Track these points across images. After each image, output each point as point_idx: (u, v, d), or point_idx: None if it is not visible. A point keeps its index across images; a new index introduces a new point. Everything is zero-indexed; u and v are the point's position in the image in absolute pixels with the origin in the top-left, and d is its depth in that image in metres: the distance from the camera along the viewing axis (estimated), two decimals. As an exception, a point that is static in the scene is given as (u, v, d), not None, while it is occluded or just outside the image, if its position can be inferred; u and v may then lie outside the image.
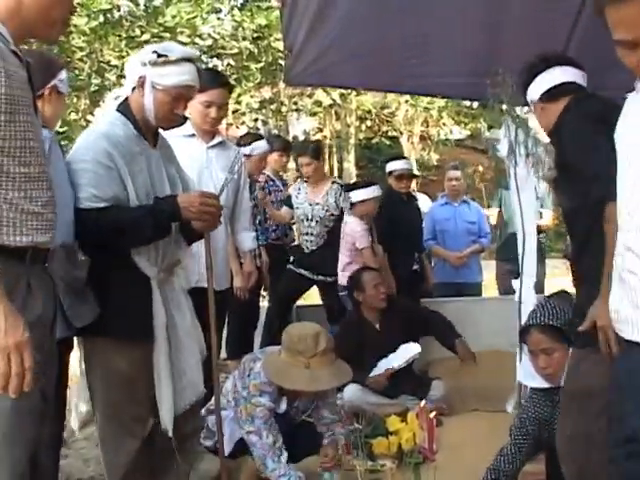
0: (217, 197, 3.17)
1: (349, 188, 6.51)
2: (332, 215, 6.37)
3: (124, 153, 3.02)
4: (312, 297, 7.53)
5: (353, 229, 6.15)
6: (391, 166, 6.80)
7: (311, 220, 6.35)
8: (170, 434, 3.10)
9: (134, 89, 3.11)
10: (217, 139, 4.56)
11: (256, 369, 4.04)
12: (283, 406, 4.12)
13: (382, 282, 5.78)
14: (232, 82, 12.25)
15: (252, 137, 6.32)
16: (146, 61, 3.05)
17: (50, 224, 2.28)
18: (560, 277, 7.42)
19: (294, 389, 3.97)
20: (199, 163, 4.40)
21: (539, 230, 7.09)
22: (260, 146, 6.14)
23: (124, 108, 3.14)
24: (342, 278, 6.15)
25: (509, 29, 5.06)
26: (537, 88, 3.25)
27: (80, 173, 2.99)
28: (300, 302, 7.04)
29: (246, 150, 5.82)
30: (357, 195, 6.22)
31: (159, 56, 3.04)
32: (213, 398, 3.58)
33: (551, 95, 3.20)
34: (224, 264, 4.54)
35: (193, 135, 4.43)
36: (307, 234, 6.41)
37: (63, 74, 3.32)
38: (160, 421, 3.10)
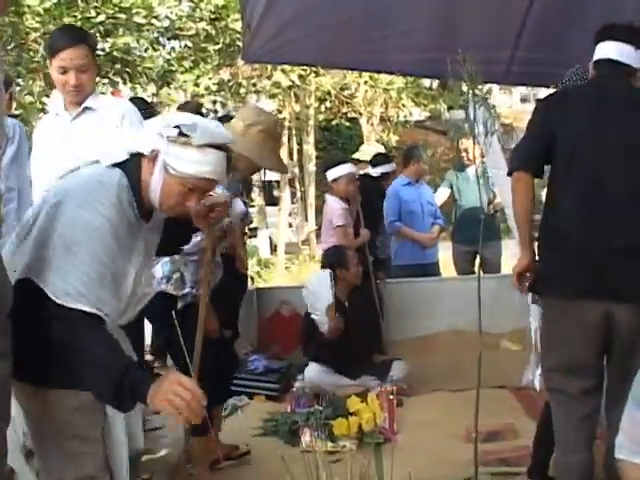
0: (193, 387, 2.24)
1: (326, 168, 6.57)
2: None
3: (122, 244, 2.41)
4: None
5: (331, 206, 6.17)
6: (382, 169, 6.84)
7: None
8: None
9: (147, 158, 2.46)
10: (83, 105, 3.74)
11: None
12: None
13: (358, 260, 5.80)
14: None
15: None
16: (164, 134, 2.42)
17: None
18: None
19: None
20: (60, 144, 3.70)
21: (494, 209, 7.12)
22: None
23: (132, 173, 2.46)
24: None
25: (469, 3, 5.04)
26: None
27: (69, 259, 2.29)
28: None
29: None
30: (330, 174, 6.27)
31: (180, 134, 2.41)
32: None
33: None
34: None
35: (57, 115, 3.84)
36: None
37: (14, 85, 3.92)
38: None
